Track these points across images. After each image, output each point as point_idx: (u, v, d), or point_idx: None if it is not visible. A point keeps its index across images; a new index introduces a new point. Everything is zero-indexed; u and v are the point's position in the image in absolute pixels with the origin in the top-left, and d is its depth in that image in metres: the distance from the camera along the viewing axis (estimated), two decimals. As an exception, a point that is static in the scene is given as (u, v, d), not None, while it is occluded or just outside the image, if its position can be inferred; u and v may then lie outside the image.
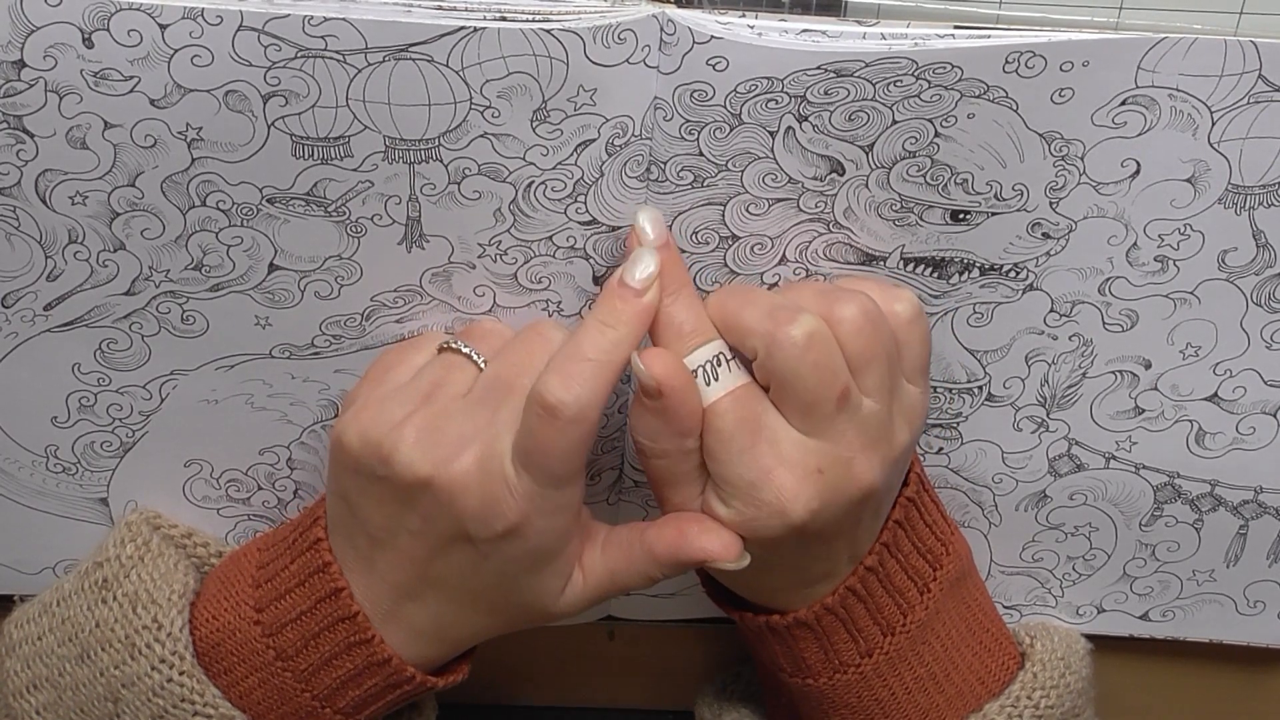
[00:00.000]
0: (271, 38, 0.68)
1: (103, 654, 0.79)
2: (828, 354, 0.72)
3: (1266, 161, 0.76)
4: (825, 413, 0.73)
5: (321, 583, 0.77)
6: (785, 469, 0.73)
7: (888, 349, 0.75)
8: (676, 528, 0.75)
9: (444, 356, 0.78)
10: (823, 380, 0.72)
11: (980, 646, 0.84)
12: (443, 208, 0.74)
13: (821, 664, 0.81)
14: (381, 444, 0.73)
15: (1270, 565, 0.91)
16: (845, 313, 0.74)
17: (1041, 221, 0.78)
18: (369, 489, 0.75)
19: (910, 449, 0.78)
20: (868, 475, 0.74)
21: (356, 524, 0.77)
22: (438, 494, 0.73)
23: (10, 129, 0.71)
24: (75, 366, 0.80)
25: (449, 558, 0.75)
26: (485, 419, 0.73)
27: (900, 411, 0.76)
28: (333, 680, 0.78)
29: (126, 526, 0.84)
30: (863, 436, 0.74)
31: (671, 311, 0.74)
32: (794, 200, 0.76)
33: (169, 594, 0.80)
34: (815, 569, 0.78)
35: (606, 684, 1.02)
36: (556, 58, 0.70)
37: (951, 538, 0.83)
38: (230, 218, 0.74)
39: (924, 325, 0.77)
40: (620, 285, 0.73)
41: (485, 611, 0.78)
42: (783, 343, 0.72)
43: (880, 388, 0.74)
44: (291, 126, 0.71)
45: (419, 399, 0.75)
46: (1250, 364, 0.83)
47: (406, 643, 0.78)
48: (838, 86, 0.71)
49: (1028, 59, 0.71)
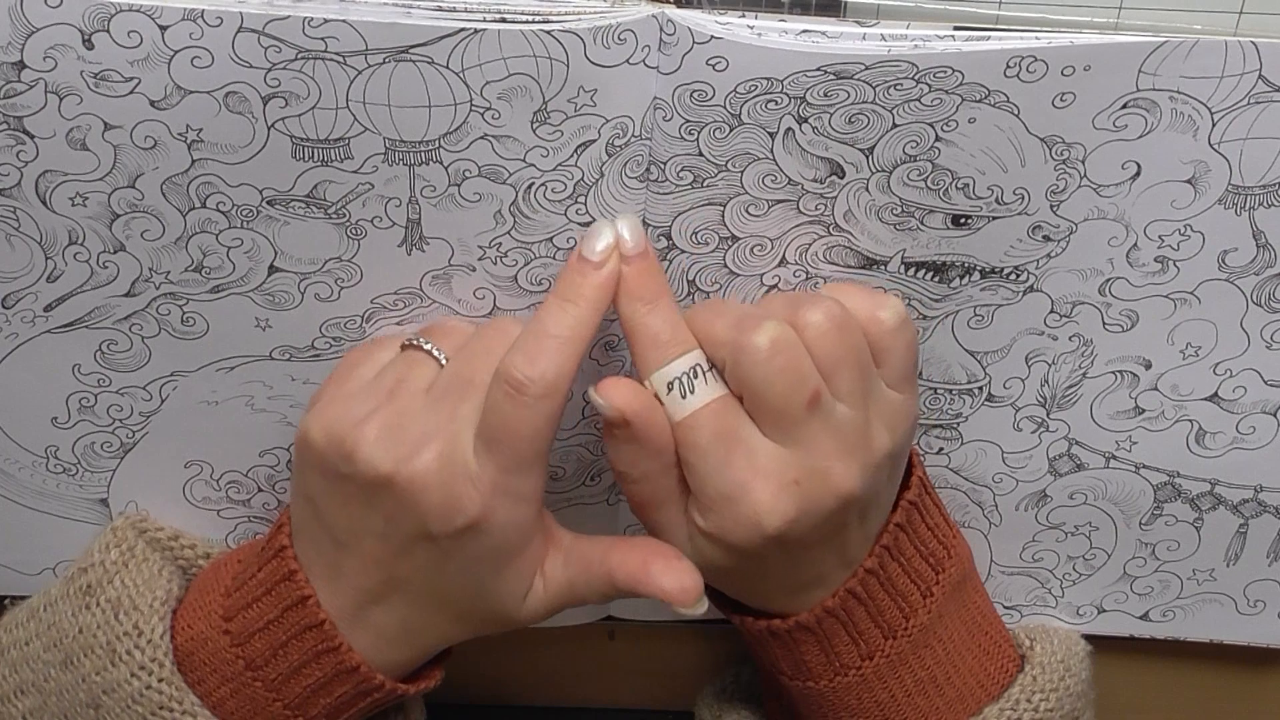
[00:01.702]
0: (272, 39, 0.68)
1: (85, 660, 0.79)
2: (794, 358, 0.73)
3: (1267, 162, 0.76)
4: (796, 418, 0.73)
5: (288, 590, 0.77)
6: (761, 481, 0.73)
7: (858, 353, 0.74)
8: (641, 559, 0.75)
9: (407, 354, 0.78)
10: (790, 385, 0.72)
11: (980, 650, 0.84)
12: (443, 210, 0.75)
13: (822, 667, 0.81)
14: (345, 440, 0.74)
15: (1270, 564, 0.91)
16: (811, 318, 0.74)
17: (1042, 224, 0.78)
18: (333, 489, 0.75)
19: (897, 454, 0.77)
20: (846, 483, 0.74)
21: (321, 527, 0.77)
22: (399, 492, 0.73)
23: (10, 130, 0.71)
24: (75, 367, 0.80)
25: (413, 558, 0.75)
26: (447, 414, 0.74)
27: (879, 416, 0.76)
28: (302, 689, 0.78)
29: (112, 532, 0.84)
30: (838, 442, 0.74)
31: (648, 322, 0.74)
32: (794, 202, 0.76)
33: (150, 600, 0.79)
34: (804, 575, 0.78)
35: (606, 684, 1.02)
36: (556, 59, 0.70)
37: (954, 541, 0.83)
38: (230, 219, 0.74)
39: (909, 333, 0.77)
40: (579, 260, 0.74)
41: (452, 616, 0.78)
42: (747, 348, 0.72)
43: (853, 392, 0.74)
44: (292, 128, 0.71)
45: (382, 395, 0.75)
46: (1250, 364, 0.83)
47: (374, 647, 0.78)
48: (838, 88, 0.71)
49: (1029, 64, 0.71)
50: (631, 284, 0.74)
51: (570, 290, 0.73)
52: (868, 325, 0.75)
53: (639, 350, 0.75)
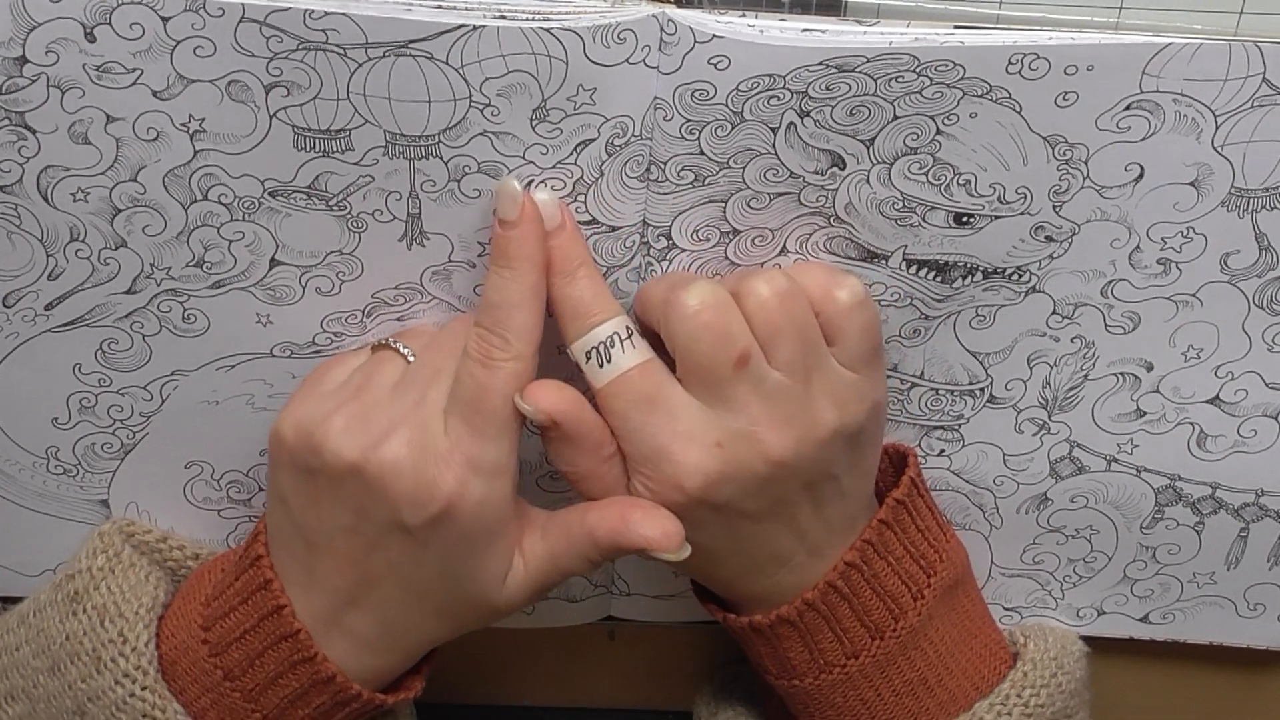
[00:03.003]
0: (273, 30, 0.68)
1: (71, 667, 0.79)
2: (722, 315, 0.73)
3: (1269, 165, 0.76)
4: (721, 376, 0.73)
5: (263, 600, 0.77)
6: (681, 442, 0.74)
7: (801, 325, 0.74)
8: (620, 512, 0.75)
9: (377, 354, 0.79)
10: (716, 341, 0.73)
11: (972, 652, 0.83)
12: (443, 205, 0.75)
13: (807, 664, 0.81)
14: (313, 434, 0.74)
15: (1271, 568, 0.91)
16: (753, 286, 0.74)
17: (1045, 225, 0.78)
18: (303, 486, 0.75)
19: (850, 434, 0.77)
20: (776, 449, 0.74)
21: (294, 529, 0.77)
22: (368, 480, 0.73)
23: (12, 126, 0.71)
24: (76, 367, 0.80)
25: (387, 552, 0.75)
26: (414, 401, 0.74)
27: (825, 392, 0.75)
28: (280, 699, 0.78)
29: (99, 537, 0.84)
30: (768, 409, 0.74)
31: (568, 291, 0.75)
32: (795, 194, 0.76)
33: (136, 608, 0.79)
34: (759, 553, 0.78)
35: (606, 684, 1.02)
36: (556, 57, 0.70)
37: (946, 545, 0.83)
38: (232, 211, 0.74)
39: (868, 313, 0.76)
40: (500, 224, 0.74)
41: (430, 611, 0.77)
42: (675, 304, 0.73)
43: (792, 362, 0.74)
44: (293, 118, 0.71)
45: (351, 392, 0.76)
46: (1252, 366, 0.83)
47: (353, 654, 0.78)
48: (839, 81, 0.71)
49: (1031, 60, 0.71)
50: (552, 257, 0.75)
51: (499, 255, 0.74)
52: (822, 302, 0.75)
53: (562, 322, 0.75)
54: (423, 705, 0.86)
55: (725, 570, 0.80)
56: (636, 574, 0.93)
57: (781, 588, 0.79)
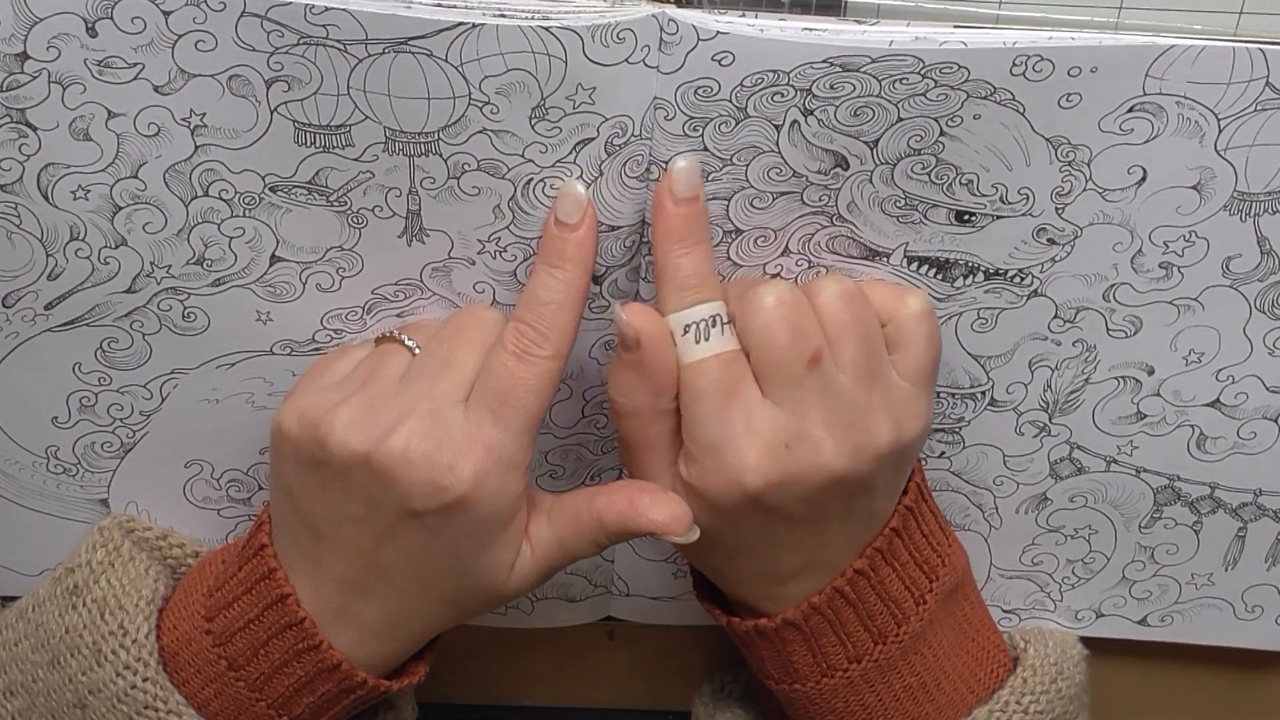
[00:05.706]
0: (274, 24, 0.68)
1: (71, 660, 0.79)
2: (798, 313, 0.74)
3: (1272, 169, 0.76)
4: (795, 375, 0.73)
5: (267, 589, 0.77)
6: (750, 438, 0.74)
7: (867, 330, 0.75)
8: (627, 496, 0.75)
9: (381, 346, 0.79)
10: (791, 337, 0.73)
11: (971, 656, 0.83)
12: (442, 202, 0.75)
13: (809, 668, 0.81)
14: (318, 426, 0.74)
15: (1269, 569, 0.91)
16: (823, 285, 0.75)
17: (1047, 227, 0.78)
18: (309, 478, 0.75)
19: (901, 452, 0.77)
20: (836, 460, 0.74)
21: (299, 520, 0.77)
22: (378, 471, 0.73)
23: (13, 123, 0.71)
24: (76, 366, 0.80)
25: (397, 542, 0.75)
26: (423, 392, 0.74)
27: (884, 404, 0.76)
28: (285, 688, 0.78)
29: (98, 532, 0.84)
30: (830, 412, 0.74)
31: (680, 263, 0.75)
32: (798, 194, 0.76)
33: (136, 600, 0.80)
34: (783, 560, 0.78)
35: (606, 684, 1.02)
36: (555, 56, 0.70)
37: (948, 550, 0.83)
38: (233, 207, 0.74)
39: (932, 325, 0.77)
40: (556, 224, 0.74)
41: (436, 600, 0.77)
42: (753, 300, 0.74)
43: (856, 364, 0.75)
44: (294, 113, 0.71)
45: (357, 384, 0.76)
46: (1252, 370, 0.83)
47: (359, 642, 0.78)
48: (844, 81, 0.71)
49: (1035, 62, 0.71)
50: (673, 225, 0.74)
51: (553, 256, 0.74)
52: (893, 309, 0.77)
53: (664, 290, 0.75)
54: (423, 705, 0.87)
55: (740, 569, 0.80)
56: (636, 575, 0.93)
57: (789, 592, 0.79)
